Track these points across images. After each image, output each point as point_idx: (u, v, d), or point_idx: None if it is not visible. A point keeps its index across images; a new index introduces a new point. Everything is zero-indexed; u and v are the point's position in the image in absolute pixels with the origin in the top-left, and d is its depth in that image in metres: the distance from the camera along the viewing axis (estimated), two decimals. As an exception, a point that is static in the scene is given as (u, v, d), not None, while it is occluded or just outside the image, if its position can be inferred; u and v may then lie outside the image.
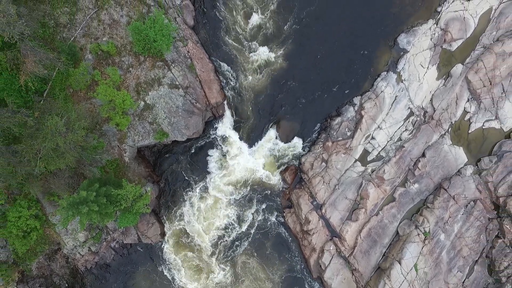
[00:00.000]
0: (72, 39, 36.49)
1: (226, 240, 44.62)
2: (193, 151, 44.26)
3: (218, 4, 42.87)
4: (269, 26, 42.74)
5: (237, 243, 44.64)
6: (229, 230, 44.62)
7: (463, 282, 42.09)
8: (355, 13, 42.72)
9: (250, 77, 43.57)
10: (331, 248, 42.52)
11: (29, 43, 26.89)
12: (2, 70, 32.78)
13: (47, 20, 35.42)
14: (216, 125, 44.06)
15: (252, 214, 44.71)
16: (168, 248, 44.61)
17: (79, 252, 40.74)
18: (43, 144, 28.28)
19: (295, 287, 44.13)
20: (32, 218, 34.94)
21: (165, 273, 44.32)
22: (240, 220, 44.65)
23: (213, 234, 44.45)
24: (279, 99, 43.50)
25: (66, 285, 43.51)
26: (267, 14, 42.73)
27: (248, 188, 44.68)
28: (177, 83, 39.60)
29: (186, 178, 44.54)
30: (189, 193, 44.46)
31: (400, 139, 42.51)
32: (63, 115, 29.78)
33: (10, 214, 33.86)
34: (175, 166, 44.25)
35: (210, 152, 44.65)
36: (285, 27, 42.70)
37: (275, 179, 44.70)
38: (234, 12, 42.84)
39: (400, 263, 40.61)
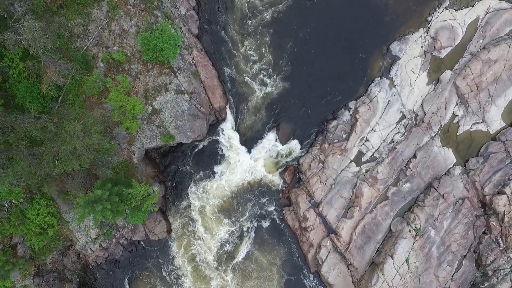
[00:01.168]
0: (85, 48, 38.97)
1: (227, 236, 47.02)
2: (197, 153, 46.71)
3: (220, 13, 45.34)
4: (269, 37, 45.30)
5: (238, 238, 47.03)
6: (231, 226, 47.05)
7: (452, 276, 44.48)
8: (350, 22, 45.13)
9: (250, 83, 46.06)
10: (328, 244, 44.92)
11: (50, 55, 29.37)
12: (22, 78, 35.38)
13: (62, 31, 37.89)
14: (219, 128, 46.52)
15: (253, 211, 47.14)
16: (174, 246, 47.07)
17: (90, 248, 43.22)
18: (62, 147, 30.69)
19: (293, 277, 46.61)
20: (49, 216, 37.46)
21: (170, 270, 46.79)
22: (241, 217, 47.08)
23: (216, 230, 46.89)
24: (278, 104, 45.96)
25: (78, 279, 45.95)
26: (266, 23, 45.31)
27: (250, 187, 47.12)
28: (182, 88, 42.09)
29: (190, 177, 47.00)
30: (194, 192, 46.92)
31: (392, 141, 44.94)
32: (79, 120, 32.22)
33: (29, 212, 36.37)
34: (180, 167, 46.72)
35: (214, 153, 47.09)
36: (285, 38, 45.27)
37: (275, 179, 47.21)
38: (236, 21, 45.36)
39: (392, 258, 43.04)
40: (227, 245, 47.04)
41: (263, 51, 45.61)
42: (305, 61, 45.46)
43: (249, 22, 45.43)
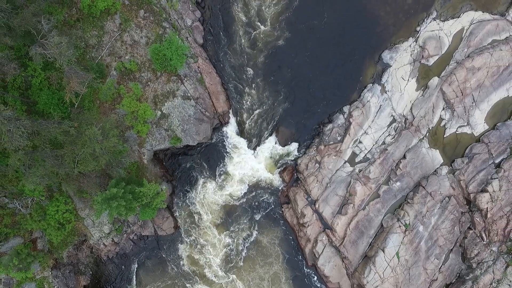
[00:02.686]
0: (99, 58, 42.27)
1: (229, 230, 50.28)
2: (202, 154, 49.94)
3: (223, 23, 48.66)
4: (269, 49, 48.71)
5: (240, 232, 50.31)
6: (233, 222, 50.31)
7: (439, 268, 47.62)
8: (345, 33, 48.31)
9: (251, 89, 49.40)
10: (324, 239, 48.09)
11: (73, 67, 32.66)
12: (43, 86, 38.71)
13: (78, 42, 41.17)
14: (223, 131, 49.81)
15: (254, 209, 50.42)
16: (180, 241, 50.36)
17: (103, 243, 46.48)
18: (82, 149, 33.96)
19: (293, 270, 49.93)
20: (67, 212, 40.76)
21: (176, 261, 50.07)
22: (243, 213, 50.37)
23: (219, 225, 50.19)
24: (278, 108, 49.28)
25: (90, 272, 49.18)
26: (266, 35, 48.68)
27: (251, 186, 50.37)
28: (189, 94, 45.39)
29: (196, 177, 50.22)
30: (199, 190, 50.16)
31: (384, 143, 48.17)
32: (97, 125, 35.52)
33: (50, 208, 39.68)
34: (186, 167, 50.00)
35: (217, 154, 50.34)
36: (285, 50, 48.70)
37: (274, 178, 50.54)
38: (238, 31, 48.71)
39: (384, 252, 46.27)
40: (228, 237, 50.03)
41: (263, 59, 48.93)
42: (303, 69, 48.74)
43: (251, 31, 48.71)
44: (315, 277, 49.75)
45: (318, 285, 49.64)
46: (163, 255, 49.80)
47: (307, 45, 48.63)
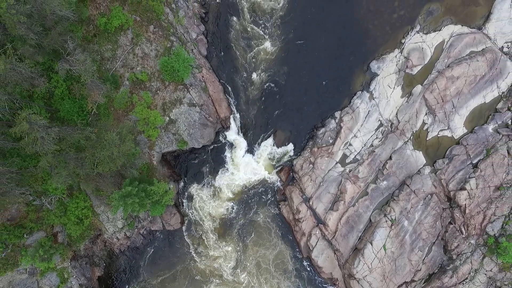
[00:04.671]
0: (113, 69, 46.78)
1: (232, 225, 54.86)
2: (206, 155, 54.56)
3: (225, 36, 53.19)
4: (266, 63, 53.25)
5: (241, 226, 54.79)
6: (235, 217, 54.88)
7: (423, 260, 51.74)
8: (337, 45, 52.65)
9: (251, 96, 53.97)
10: (317, 233, 52.46)
11: (95, 80, 37.17)
12: (64, 96, 43.24)
13: (95, 55, 45.66)
14: (225, 135, 54.34)
15: (254, 205, 54.98)
16: (185, 234, 54.92)
17: (116, 237, 51.02)
18: (101, 152, 38.44)
19: (290, 261, 54.49)
20: (86, 209, 45.34)
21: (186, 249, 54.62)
22: (244, 210, 54.94)
23: (222, 219, 54.70)
24: (275, 114, 53.83)
25: (104, 264, 53.69)
26: (264, 50, 53.28)
27: (251, 185, 54.96)
28: (194, 102, 49.89)
29: (200, 176, 54.78)
30: (203, 188, 54.72)
31: (372, 145, 52.48)
32: (113, 130, 40.04)
33: (70, 205, 44.26)
34: (191, 168, 54.59)
35: (219, 156, 54.84)
36: (283, 59, 53.32)
37: (272, 177, 55.12)
38: (238, 44, 53.28)
39: (372, 244, 50.51)
40: (230, 229, 54.47)
41: (262, 70, 53.49)
42: (298, 79, 53.29)
43: (250, 43, 53.27)
44: (309, 268, 54.33)
45: (313, 275, 54.22)
46: (170, 248, 54.28)
47: (302, 56, 53.10)
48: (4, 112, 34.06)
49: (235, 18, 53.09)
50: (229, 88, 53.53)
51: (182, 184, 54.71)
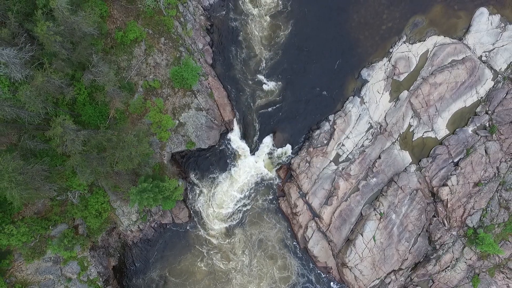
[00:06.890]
0: (129, 78, 51.79)
1: (234, 218, 59.91)
2: (211, 154, 59.59)
3: (229, 47, 58.25)
4: (266, 70, 58.35)
5: (242, 220, 59.90)
6: (238, 211, 59.96)
7: (409, 250, 56.82)
8: (330, 54, 57.86)
9: (252, 101, 59.04)
10: (313, 225, 57.51)
11: (116, 89, 42.16)
12: (86, 102, 48.26)
13: (112, 65, 50.66)
14: (229, 136, 59.42)
15: (255, 201, 60.04)
16: (193, 227, 59.96)
17: (130, 229, 56.03)
18: (121, 152, 43.43)
19: (288, 251, 59.57)
20: (105, 203, 50.40)
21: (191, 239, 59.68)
22: (245, 205, 59.97)
23: (225, 214, 59.81)
24: (275, 117, 58.94)
25: (118, 255, 58.69)
26: (265, 59, 58.37)
27: (252, 182, 60.02)
28: (201, 106, 54.91)
29: (206, 174, 59.81)
30: (208, 185, 59.81)
31: (362, 145, 57.49)
32: (131, 133, 45.05)
33: (91, 199, 49.33)
34: (198, 166, 59.65)
35: (224, 155, 59.86)
36: (281, 68, 58.41)
37: (272, 175, 60.20)
38: (241, 53, 58.36)
39: (362, 236, 55.49)
40: (233, 221, 59.57)
41: (264, 77, 58.59)
42: (295, 86, 58.39)
43: (251, 53, 58.34)
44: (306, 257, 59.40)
45: (309, 264, 59.28)
46: (179, 239, 59.33)
47: (298, 64, 58.22)
48: (38, 117, 39.06)
49: (237, 30, 58.11)
50: (233, 94, 58.56)
51: (189, 181, 59.71)
